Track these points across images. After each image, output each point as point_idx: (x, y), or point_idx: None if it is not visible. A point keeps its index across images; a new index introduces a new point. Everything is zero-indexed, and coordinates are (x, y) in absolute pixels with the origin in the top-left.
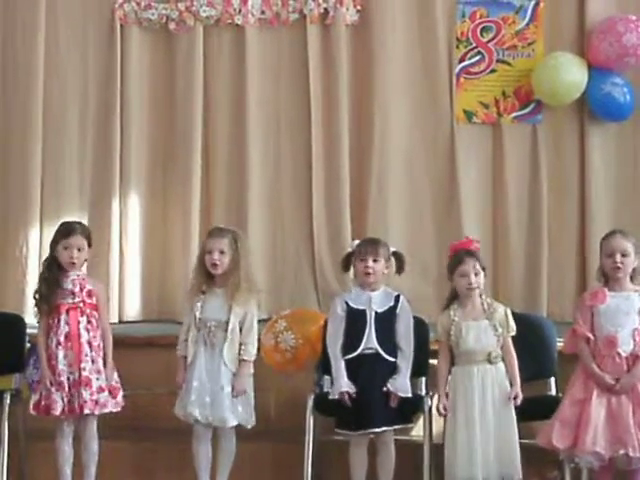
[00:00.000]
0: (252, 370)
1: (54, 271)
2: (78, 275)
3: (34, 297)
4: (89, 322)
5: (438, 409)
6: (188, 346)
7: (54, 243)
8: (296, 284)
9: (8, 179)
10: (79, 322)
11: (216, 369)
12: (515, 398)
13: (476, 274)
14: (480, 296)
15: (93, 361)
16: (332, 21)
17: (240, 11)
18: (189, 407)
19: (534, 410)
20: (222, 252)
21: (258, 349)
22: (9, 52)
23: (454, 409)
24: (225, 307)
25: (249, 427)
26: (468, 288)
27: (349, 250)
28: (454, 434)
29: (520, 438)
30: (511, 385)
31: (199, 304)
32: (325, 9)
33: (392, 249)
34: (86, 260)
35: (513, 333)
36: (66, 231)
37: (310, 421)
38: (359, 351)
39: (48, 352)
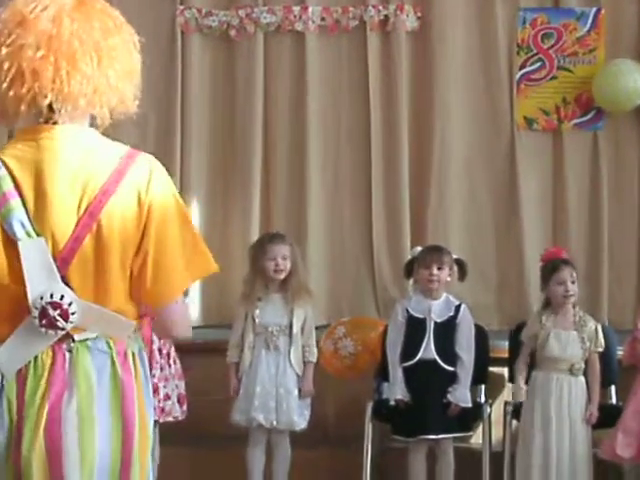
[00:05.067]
0: None
1: None
2: None
3: None
4: None
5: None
6: (244, 352)
7: None
8: (355, 291)
9: None
10: (152, 329)
11: (281, 373)
12: (590, 417)
13: (572, 282)
14: (574, 307)
15: (162, 368)
16: (392, 28)
17: (300, 18)
18: (252, 412)
19: (597, 419)
20: (284, 257)
21: (317, 355)
22: None
23: (531, 412)
24: (285, 311)
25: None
26: (565, 296)
27: (411, 257)
28: (530, 438)
29: None
30: (589, 401)
31: (257, 310)
32: (385, 16)
33: (455, 256)
34: None
35: (601, 349)
36: None
37: (369, 428)
38: (417, 359)
39: None
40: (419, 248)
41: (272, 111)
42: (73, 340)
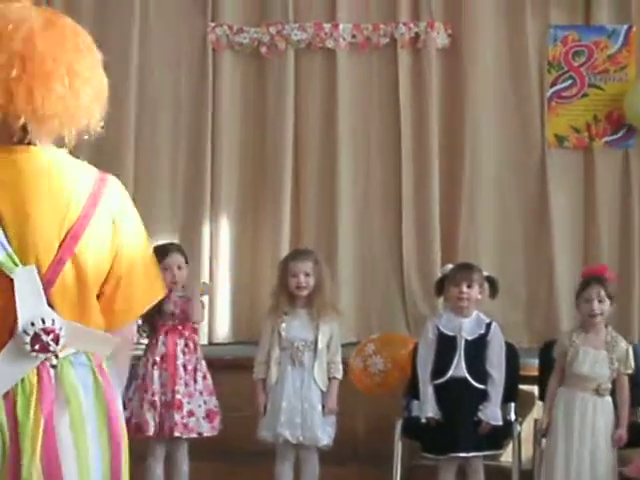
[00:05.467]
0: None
1: None
2: (180, 296)
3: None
4: (186, 345)
5: (539, 428)
6: (270, 367)
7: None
8: (385, 308)
9: None
10: (176, 344)
11: (306, 388)
12: (619, 439)
13: (600, 301)
14: (606, 326)
15: (186, 384)
16: (423, 45)
17: (331, 35)
18: (279, 428)
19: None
20: (307, 274)
21: (346, 372)
22: None
23: (555, 430)
24: (311, 327)
25: (328, 448)
26: (590, 315)
27: (442, 274)
28: (552, 457)
29: None
30: (617, 423)
31: (283, 325)
32: (416, 33)
33: (485, 273)
34: (186, 279)
35: (630, 371)
36: (163, 252)
37: (398, 445)
38: (447, 377)
39: (143, 371)
40: (450, 266)
41: (302, 128)
42: (56, 356)
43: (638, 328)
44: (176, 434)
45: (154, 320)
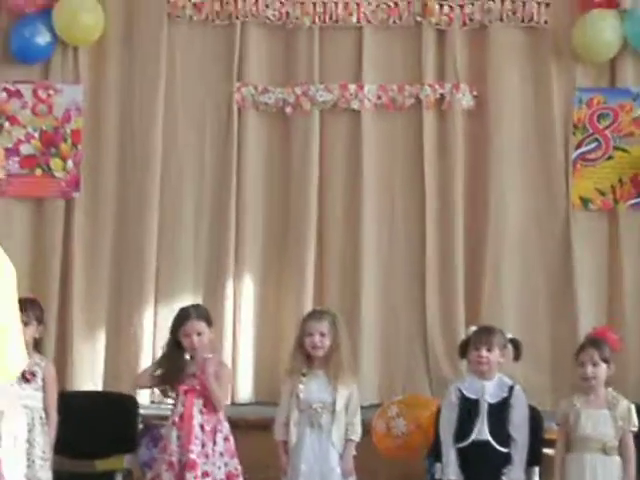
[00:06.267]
0: (354, 452)
1: (177, 354)
2: (205, 358)
3: (160, 378)
4: (205, 405)
5: None
6: (290, 429)
7: (174, 330)
8: (408, 369)
9: (123, 259)
10: (194, 404)
11: (324, 450)
12: None
13: (594, 365)
14: (606, 387)
15: (203, 445)
16: (448, 106)
17: (356, 96)
18: None
19: None
20: (322, 334)
21: (367, 433)
22: (127, 135)
23: None
24: (329, 388)
25: None
26: (583, 378)
27: (466, 337)
28: None
29: None
30: None
31: (301, 386)
32: (441, 94)
33: (509, 336)
34: (211, 340)
35: (634, 429)
36: (182, 317)
37: None
38: (470, 440)
39: (165, 431)
40: (474, 328)
41: (327, 189)
42: None
43: None
44: None
45: (175, 383)
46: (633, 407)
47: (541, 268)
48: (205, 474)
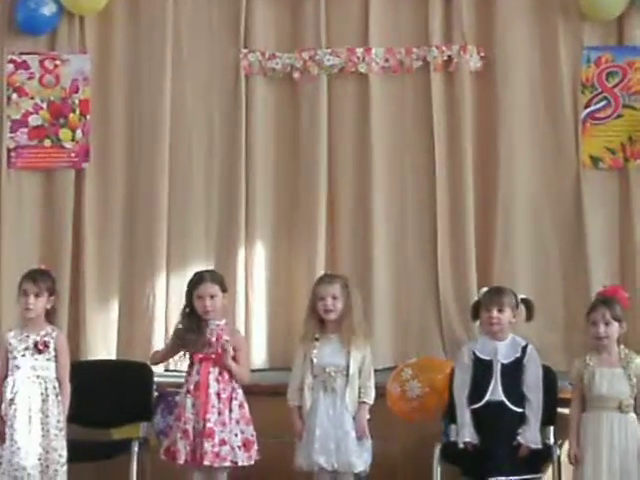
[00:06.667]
0: (368, 415)
1: (194, 320)
2: (218, 324)
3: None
4: (220, 373)
5: (569, 456)
6: (304, 394)
7: (188, 293)
8: (422, 332)
9: (134, 229)
10: (209, 372)
11: (339, 414)
12: None
13: (607, 324)
14: (619, 344)
15: (220, 413)
16: (456, 68)
17: (364, 59)
18: (314, 455)
19: None
20: (334, 297)
21: (382, 396)
22: (135, 104)
23: (582, 457)
24: (342, 352)
25: (365, 474)
26: (596, 337)
27: (478, 298)
28: (582, 478)
29: None
30: None
31: (315, 350)
32: (449, 56)
33: (521, 296)
34: (224, 305)
35: None
36: (196, 280)
37: (437, 470)
38: (485, 401)
39: (180, 399)
40: (485, 289)
41: (336, 153)
42: None
43: None
44: (206, 462)
45: (193, 348)
46: None
47: (552, 228)
48: (222, 442)
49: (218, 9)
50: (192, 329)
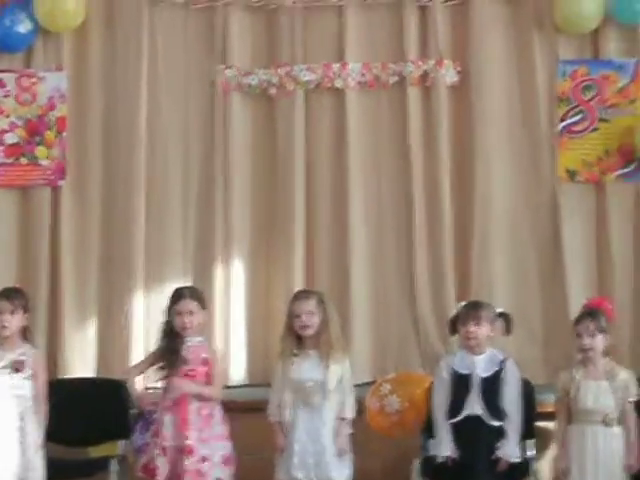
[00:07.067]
0: (350, 429)
1: (172, 338)
2: (195, 342)
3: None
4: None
5: (557, 470)
6: (284, 410)
7: (168, 309)
8: (400, 346)
9: (112, 246)
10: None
11: (317, 430)
12: (628, 469)
13: (591, 335)
14: (604, 357)
15: (200, 430)
16: (432, 83)
17: (340, 75)
18: (293, 470)
19: None
20: (311, 313)
21: (361, 412)
22: (112, 120)
23: (567, 469)
24: (320, 367)
25: None
26: (581, 349)
27: (456, 312)
28: None
29: None
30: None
31: (293, 366)
32: (425, 71)
33: (499, 310)
34: (201, 323)
35: (634, 398)
36: (176, 296)
37: None
38: (463, 415)
39: (157, 415)
40: (463, 303)
41: (313, 168)
42: None
43: None
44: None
45: (170, 366)
46: (633, 376)
47: (529, 241)
48: (203, 459)
49: (194, 25)
50: (170, 346)
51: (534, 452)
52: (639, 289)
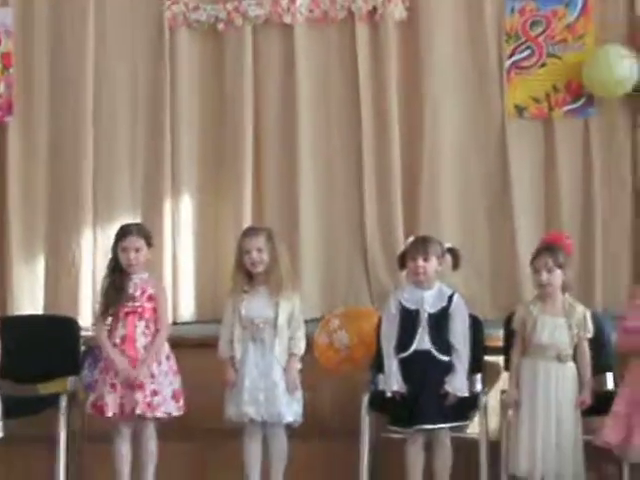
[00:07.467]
0: (300, 365)
1: (117, 274)
2: (141, 278)
3: (101, 297)
4: (147, 327)
5: (508, 401)
6: (234, 346)
7: (114, 246)
8: (349, 282)
9: (60, 184)
10: (136, 326)
11: (267, 366)
12: (581, 403)
13: (549, 271)
14: (563, 293)
15: (149, 366)
16: (380, 18)
17: (289, 10)
18: (243, 406)
19: (592, 406)
20: (260, 250)
21: (310, 347)
22: (58, 56)
23: (520, 400)
24: (271, 303)
25: (297, 424)
26: (539, 285)
27: (405, 248)
28: (516, 428)
29: None
30: (581, 388)
31: (243, 302)
32: (373, 7)
33: (447, 245)
34: (148, 260)
35: (589, 335)
36: (122, 233)
37: (365, 419)
38: (412, 350)
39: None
40: (412, 238)
41: (262, 104)
42: None
43: (601, 297)
44: (138, 412)
45: (115, 302)
46: (589, 314)
47: (478, 177)
48: (154, 392)
49: None
50: (116, 282)
51: (482, 386)
52: (587, 225)
